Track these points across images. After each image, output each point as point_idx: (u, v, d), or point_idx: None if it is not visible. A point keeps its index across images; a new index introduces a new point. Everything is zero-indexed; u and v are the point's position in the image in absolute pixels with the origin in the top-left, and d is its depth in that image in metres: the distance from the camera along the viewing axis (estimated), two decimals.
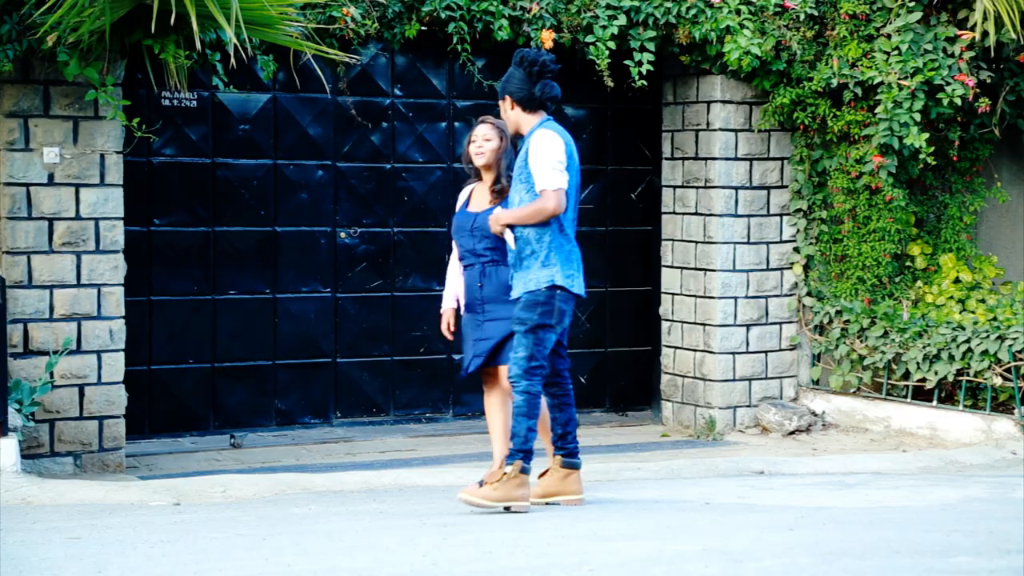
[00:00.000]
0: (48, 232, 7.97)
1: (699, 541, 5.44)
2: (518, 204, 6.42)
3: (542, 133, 6.39)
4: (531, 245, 6.39)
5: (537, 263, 6.37)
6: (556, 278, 6.36)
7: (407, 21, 8.77)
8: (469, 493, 6.30)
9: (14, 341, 7.80)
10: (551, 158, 6.33)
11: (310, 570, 5.00)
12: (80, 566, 5.06)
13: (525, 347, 6.33)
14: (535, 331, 6.34)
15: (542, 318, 6.34)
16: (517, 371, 6.33)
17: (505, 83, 6.48)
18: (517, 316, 6.39)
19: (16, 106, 7.87)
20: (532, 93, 6.42)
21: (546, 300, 6.35)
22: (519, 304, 6.40)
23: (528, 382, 6.32)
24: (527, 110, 6.45)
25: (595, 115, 10.12)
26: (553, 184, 6.31)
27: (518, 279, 6.44)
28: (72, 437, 8.00)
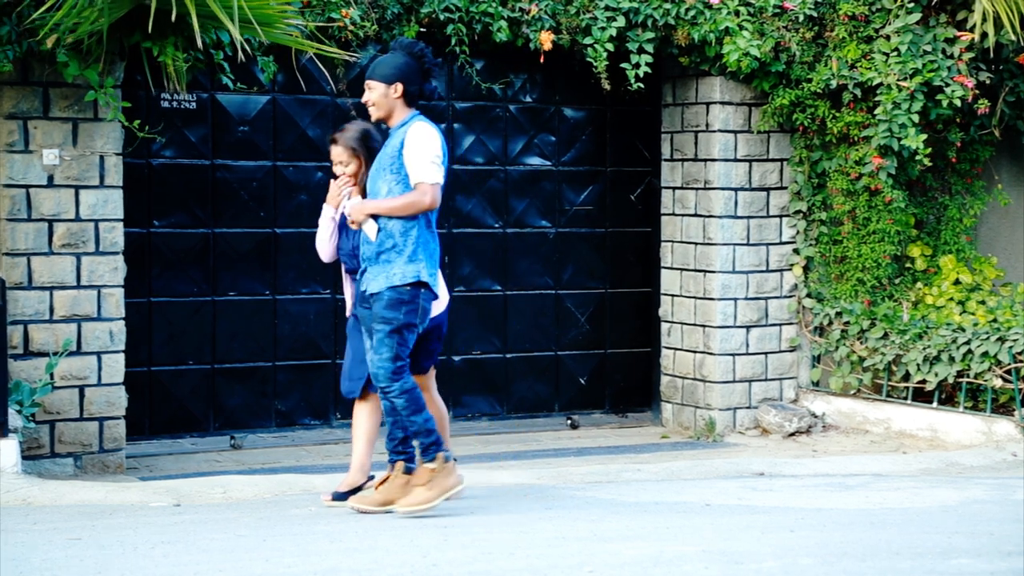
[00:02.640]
0: (48, 234, 7.97)
1: (699, 542, 5.45)
2: (385, 195, 6.20)
3: (421, 126, 6.22)
4: (394, 239, 6.17)
5: (402, 258, 6.16)
6: (422, 274, 6.18)
7: (406, 22, 8.77)
8: (406, 504, 6.17)
9: (14, 342, 7.80)
10: (430, 151, 6.17)
11: (311, 571, 5.00)
12: (81, 567, 5.06)
13: (389, 348, 6.11)
14: (400, 331, 6.14)
15: (408, 317, 6.15)
16: (386, 375, 6.12)
17: (396, 70, 6.25)
18: (381, 315, 6.14)
19: (16, 108, 7.87)
20: (422, 89, 6.32)
21: (411, 298, 6.15)
22: (381, 302, 6.15)
23: (400, 382, 6.13)
24: (408, 102, 6.29)
25: (594, 116, 10.12)
26: (431, 178, 6.15)
27: (376, 273, 6.19)
28: (72, 438, 8.00)
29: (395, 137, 6.26)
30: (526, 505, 6.68)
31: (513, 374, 9.93)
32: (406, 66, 6.27)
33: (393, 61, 6.29)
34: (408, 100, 6.28)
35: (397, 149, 6.20)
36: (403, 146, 6.18)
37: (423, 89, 6.32)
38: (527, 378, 9.97)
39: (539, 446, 9.24)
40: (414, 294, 6.16)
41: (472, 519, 6.23)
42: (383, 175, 6.23)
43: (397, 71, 6.26)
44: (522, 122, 9.93)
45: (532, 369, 9.98)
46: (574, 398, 10.11)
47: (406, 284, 6.14)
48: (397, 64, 6.27)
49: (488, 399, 9.88)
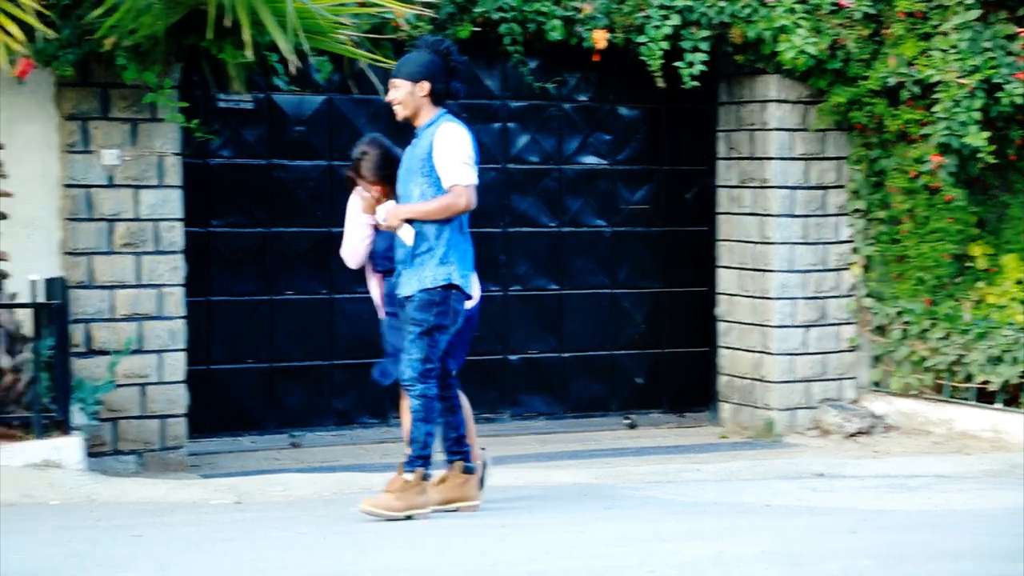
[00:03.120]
0: (108, 233, 8.05)
1: (759, 543, 5.41)
2: (418, 198, 6.12)
3: (450, 127, 6.10)
4: (428, 241, 6.11)
5: (433, 260, 6.09)
6: (453, 277, 6.10)
7: (460, 22, 8.78)
8: (371, 504, 6.10)
9: (76, 341, 7.88)
10: (463, 152, 6.07)
11: (369, 568, 5.02)
12: (143, 563, 5.10)
13: (420, 349, 6.07)
14: (431, 333, 6.09)
15: (438, 319, 6.10)
16: (412, 375, 6.08)
17: (423, 67, 6.14)
18: (412, 316, 6.10)
19: (76, 109, 7.96)
20: (449, 87, 6.19)
21: (442, 300, 6.09)
22: (412, 303, 6.11)
23: (424, 385, 6.08)
24: (435, 101, 6.17)
25: (649, 115, 10.09)
26: (465, 179, 6.06)
27: (409, 276, 6.13)
28: (134, 436, 8.08)
29: (423, 138, 6.14)
30: (584, 505, 6.67)
31: (570, 373, 9.92)
32: (432, 64, 6.16)
33: (419, 59, 6.18)
34: (434, 99, 6.17)
35: (427, 151, 6.10)
36: (433, 148, 6.08)
37: (449, 88, 6.19)
38: (584, 377, 9.96)
39: (597, 446, 9.23)
40: (445, 296, 6.09)
41: (530, 518, 6.23)
42: (414, 178, 6.13)
43: (423, 69, 6.14)
44: (576, 121, 9.91)
45: (589, 368, 9.97)
46: (631, 398, 10.08)
47: (437, 286, 6.08)
48: (423, 62, 6.16)
49: (545, 398, 9.88)
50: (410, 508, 6.09)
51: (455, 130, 6.10)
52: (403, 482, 6.09)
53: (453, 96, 6.23)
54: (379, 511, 6.05)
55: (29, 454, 6.71)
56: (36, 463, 6.70)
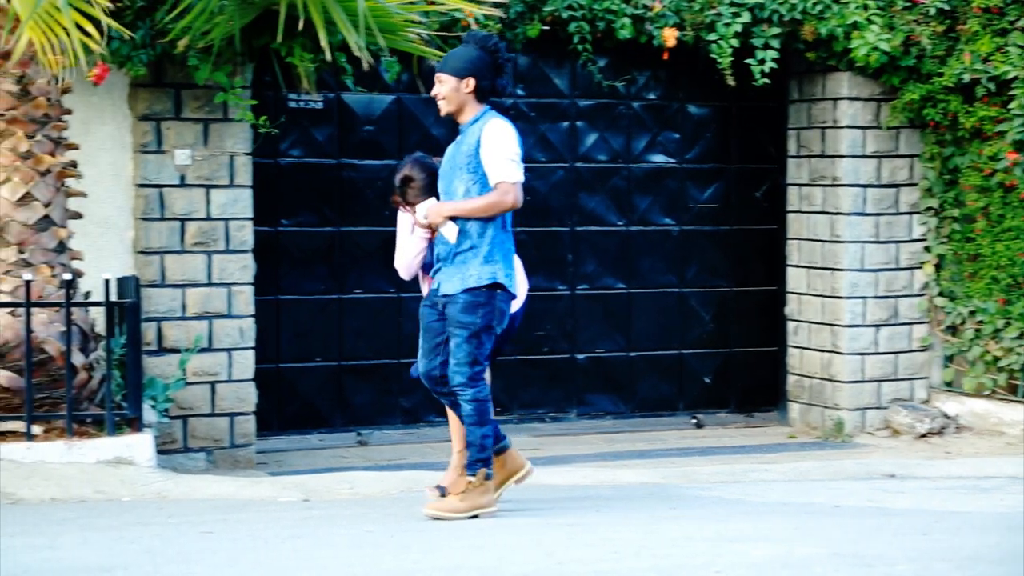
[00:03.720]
0: (180, 232, 8.14)
1: (829, 544, 5.36)
2: (462, 195, 5.99)
3: (497, 123, 5.99)
4: (471, 239, 5.98)
5: (477, 259, 5.97)
6: (498, 275, 5.98)
7: (529, 21, 8.78)
8: (436, 508, 6.07)
9: (148, 339, 7.98)
10: (509, 149, 5.94)
11: (437, 567, 5.03)
12: (214, 560, 5.15)
13: (468, 352, 5.97)
14: (478, 335, 5.98)
15: (485, 319, 5.97)
16: (462, 380, 5.98)
17: (470, 63, 6.01)
18: (457, 319, 5.98)
19: (149, 109, 8.05)
20: (495, 84, 6.06)
21: (487, 301, 5.97)
22: (457, 306, 5.98)
23: (475, 389, 5.99)
24: (480, 98, 6.04)
25: (718, 113, 10.03)
26: (512, 176, 5.92)
27: (451, 274, 6.01)
28: (204, 433, 8.16)
29: (469, 135, 6.03)
30: (651, 504, 6.65)
31: (637, 372, 9.89)
32: (479, 60, 6.03)
33: (466, 54, 6.05)
34: (479, 95, 6.04)
35: (473, 148, 5.98)
36: (480, 144, 5.97)
37: (495, 84, 6.06)
38: (651, 377, 9.92)
39: (664, 445, 9.20)
40: (490, 296, 5.98)
41: (597, 518, 6.21)
42: (459, 174, 6.02)
43: (469, 65, 6.02)
44: (645, 119, 9.88)
45: (656, 368, 9.93)
46: (699, 397, 10.03)
47: (482, 286, 5.97)
48: (470, 58, 6.04)
49: (612, 397, 9.86)
50: (474, 508, 6.08)
51: (502, 126, 6.00)
52: (466, 483, 6.08)
53: (499, 93, 6.16)
54: (444, 514, 6.04)
55: (102, 451, 6.80)
56: (108, 460, 6.78)
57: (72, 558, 5.18)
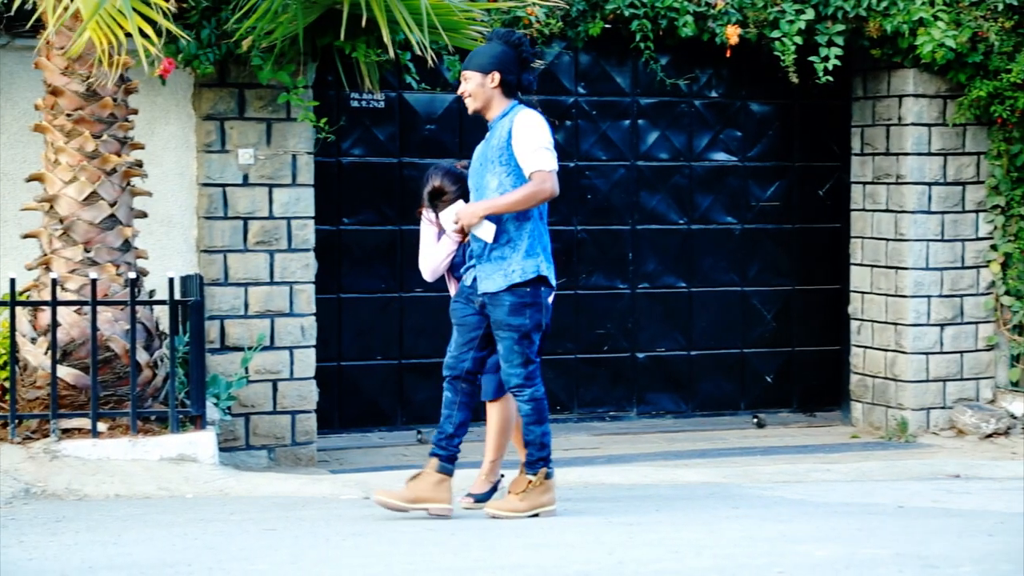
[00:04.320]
0: (243, 231, 8.20)
1: (892, 545, 5.31)
2: (496, 188, 5.88)
3: (527, 114, 5.92)
4: (508, 233, 5.87)
5: (518, 253, 5.87)
6: (542, 268, 5.88)
7: (591, 19, 8.77)
8: (497, 507, 6.03)
9: (211, 337, 8.04)
10: (542, 138, 5.86)
11: (498, 565, 5.03)
12: (276, 556, 5.18)
13: (519, 353, 5.89)
14: (530, 335, 5.89)
15: (534, 319, 5.89)
16: (518, 381, 5.92)
17: (494, 59, 5.95)
18: (507, 322, 5.86)
19: (213, 109, 8.12)
20: (520, 79, 5.98)
21: (532, 300, 5.88)
22: (503, 308, 5.87)
23: (532, 388, 5.93)
24: (507, 93, 5.97)
25: (781, 111, 9.96)
26: (548, 165, 5.83)
27: (491, 271, 5.89)
28: (266, 431, 8.22)
29: (498, 128, 5.95)
30: (712, 504, 6.61)
31: (698, 371, 9.85)
32: (503, 55, 5.98)
33: (490, 51, 6.01)
34: (506, 90, 5.98)
35: (505, 140, 5.90)
36: (511, 136, 5.89)
37: (521, 79, 5.99)
38: (712, 376, 9.88)
39: (725, 444, 9.15)
40: (535, 294, 5.89)
41: (658, 517, 6.18)
42: (491, 168, 5.92)
43: (494, 60, 5.96)
44: (707, 117, 9.83)
45: (717, 367, 9.88)
46: (760, 396, 9.97)
47: (527, 281, 5.86)
48: (494, 53, 5.98)
49: (672, 396, 9.82)
50: (535, 507, 6.05)
51: (532, 117, 5.93)
52: (526, 483, 6.05)
53: (525, 89, 6.04)
54: (505, 514, 6.02)
55: (165, 448, 6.86)
56: (172, 457, 6.85)
57: (136, 554, 5.24)
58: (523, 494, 6.04)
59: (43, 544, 5.39)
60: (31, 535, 5.57)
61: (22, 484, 6.48)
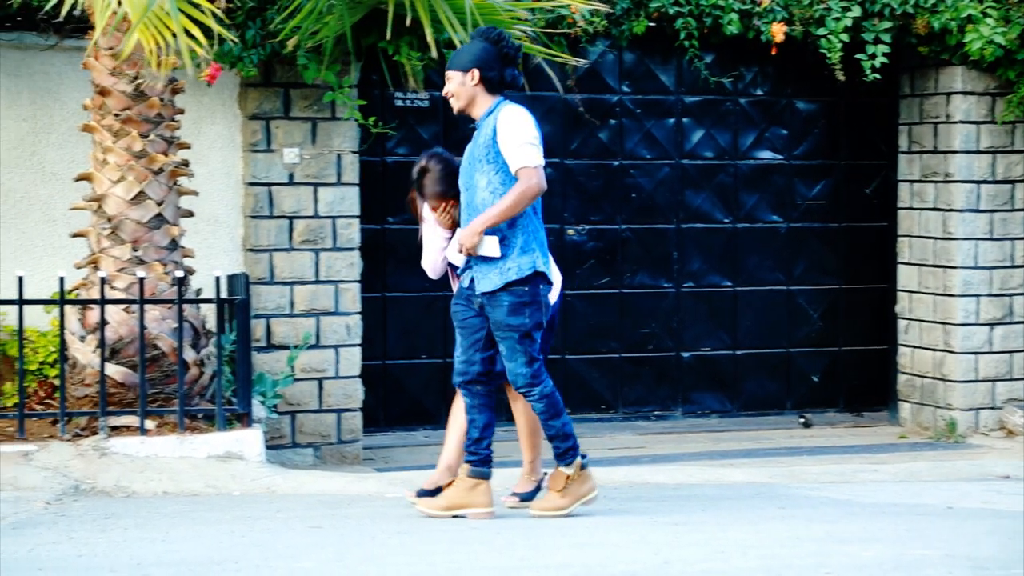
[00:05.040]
0: (288, 230, 8.23)
1: (942, 546, 5.27)
2: (485, 187, 5.83)
3: (511, 109, 5.84)
4: (502, 231, 5.79)
5: (513, 251, 5.79)
6: (538, 264, 5.82)
7: (635, 18, 8.75)
8: (540, 507, 5.98)
9: (257, 335, 8.09)
10: (526, 134, 5.78)
11: (542, 564, 5.03)
12: (322, 554, 5.21)
13: (523, 353, 5.81)
14: (530, 334, 5.82)
15: (533, 318, 5.82)
16: (525, 381, 5.84)
17: (473, 56, 5.90)
18: (506, 323, 5.79)
19: (259, 108, 8.16)
20: (503, 76, 5.91)
21: (531, 298, 5.81)
22: (502, 308, 5.80)
23: (540, 386, 5.85)
24: (489, 90, 5.91)
25: (827, 109, 9.90)
26: (533, 161, 5.76)
27: (487, 270, 5.82)
28: (312, 429, 8.25)
29: (485, 126, 5.90)
30: (758, 504, 6.58)
31: (743, 371, 9.80)
32: (483, 51, 5.92)
33: (469, 49, 5.96)
34: (488, 87, 5.91)
35: (490, 137, 5.84)
36: (496, 132, 5.83)
37: (503, 75, 5.92)
38: (758, 375, 9.83)
39: (771, 444, 9.11)
40: (533, 292, 5.82)
41: (703, 516, 6.16)
42: (479, 167, 5.87)
43: (473, 58, 5.91)
44: (752, 115, 9.79)
45: (763, 366, 9.84)
46: (806, 396, 9.91)
47: (523, 278, 5.79)
48: (473, 51, 5.93)
49: (718, 396, 9.78)
50: (577, 499, 6.02)
51: (517, 112, 5.86)
52: (564, 478, 6.00)
53: (510, 85, 5.96)
54: (550, 513, 5.98)
55: (212, 446, 6.90)
56: (219, 455, 6.88)
57: (184, 551, 5.27)
58: (563, 490, 6.01)
59: (92, 541, 5.44)
60: (81, 532, 5.62)
61: (72, 481, 6.53)
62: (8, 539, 5.45)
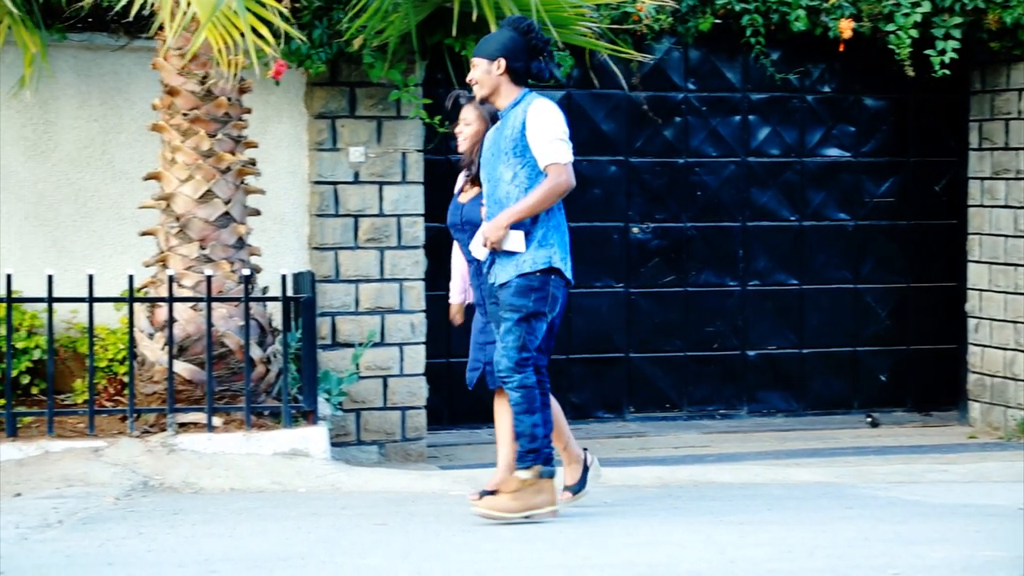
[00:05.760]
0: (354, 228, 8.27)
1: (1013, 548, 5.20)
2: (510, 181, 5.74)
3: (541, 103, 5.75)
4: (524, 224, 5.71)
5: (532, 243, 5.71)
6: (554, 260, 5.73)
7: (701, 15, 8.70)
8: (487, 506, 5.72)
9: (323, 333, 8.13)
10: (556, 129, 5.70)
11: (607, 563, 5.02)
12: (387, 550, 5.23)
13: (516, 336, 5.68)
14: (528, 320, 5.69)
15: (536, 305, 5.70)
16: (508, 364, 5.68)
17: (500, 45, 5.80)
18: (508, 303, 5.71)
19: (325, 107, 8.20)
20: (529, 66, 5.81)
21: (540, 285, 5.70)
22: (509, 289, 5.72)
23: (521, 375, 5.69)
24: (514, 80, 5.80)
25: (896, 105, 9.80)
26: (563, 157, 5.69)
27: (505, 262, 5.76)
28: (376, 427, 8.29)
29: (510, 118, 5.79)
30: (825, 504, 6.53)
31: (810, 370, 9.72)
32: (510, 41, 5.81)
33: (498, 37, 5.87)
34: (513, 77, 5.81)
35: (519, 130, 5.73)
36: (525, 126, 5.72)
37: (530, 67, 5.82)
38: (824, 374, 9.75)
39: (837, 444, 9.03)
40: (544, 280, 5.71)
41: (769, 516, 6.12)
42: (505, 160, 5.76)
43: (500, 47, 5.80)
44: (819, 112, 9.70)
45: (829, 365, 9.75)
46: (874, 396, 9.82)
47: (536, 271, 5.71)
48: (501, 40, 5.83)
49: (783, 395, 9.71)
50: (527, 508, 5.76)
51: (546, 106, 5.77)
52: (519, 481, 5.76)
53: (537, 76, 5.87)
54: (496, 514, 5.74)
55: (278, 442, 6.95)
56: (285, 452, 6.93)
57: (251, 547, 5.31)
58: (515, 493, 5.76)
59: (161, 536, 5.50)
60: (149, 527, 5.68)
61: (140, 477, 6.61)
62: (79, 534, 5.52)
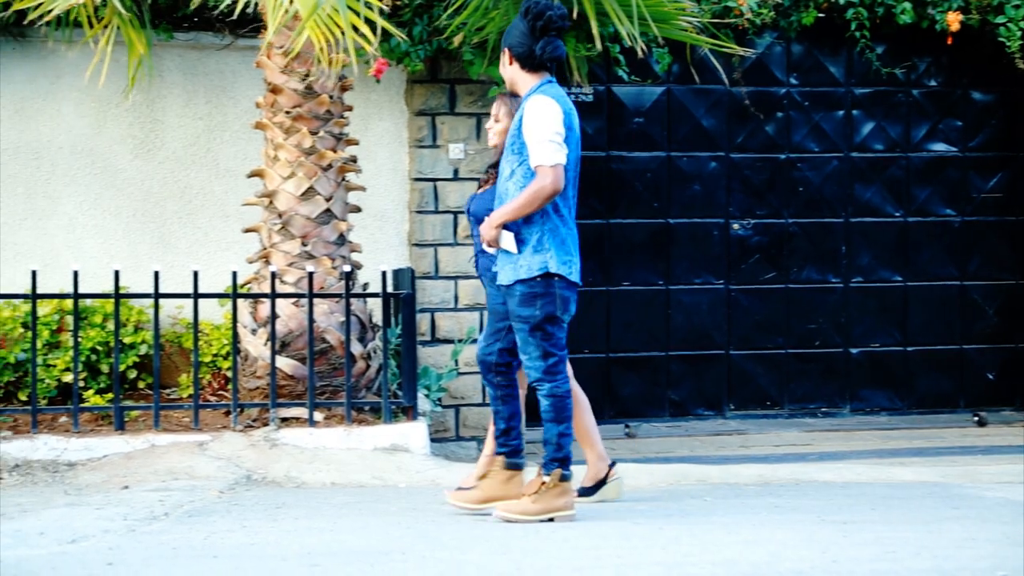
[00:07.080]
0: (453, 225, 8.31)
1: None
2: (508, 177, 5.64)
3: (536, 99, 5.53)
4: (516, 226, 5.62)
5: (527, 249, 5.60)
6: (550, 265, 5.59)
7: (803, 8, 8.61)
8: (506, 509, 5.71)
9: (422, 330, 8.17)
10: (548, 128, 5.49)
11: (708, 561, 4.98)
12: (487, 546, 5.24)
13: (535, 346, 5.63)
14: (542, 327, 5.62)
15: (545, 310, 5.61)
16: (537, 375, 5.67)
17: (507, 34, 5.65)
18: (516, 314, 5.64)
19: (425, 105, 8.24)
20: (533, 50, 5.57)
21: (544, 291, 5.60)
22: (515, 298, 5.64)
23: (552, 383, 5.68)
24: (526, 68, 5.60)
25: (1005, 99, 9.60)
26: (550, 159, 5.47)
27: (504, 262, 5.70)
28: (475, 423, 8.31)
29: (519, 111, 5.65)
30: (930, 503, 6.42)
31: (914, 368, 9.57)
32: (514, 28, 5.64)
33: (510, 26, 5.69)
34: (523, 65, 5.61)
35: (516, 127, 5.62)
36: (520, 123, 5.59)
37: (533, 51, 5.57)
38: (929, 372, 9.59)
39: (943, 443, 8.88)
40: (547, 285, 5.61)
41: (873, 515, 6.03)
42: (507, 155, 5.67)
43: (507, 36, 5.65)
44: (925, 107, 9.54)
45: (934, 363, 9.59)
46: (981, 394, 9.64)
47: (534, 277, 5.61)
48: (510, 28, 5.68)
49: (887, 393, 9.57)
50: (549, 511, 5.74)
51: (541, 103, 5.53)
52: (540, 484, 5.75)
53: (550, 59, 5.59)
54: (515, 516, 5.72)
55: (378, 438, 7.00)
56: (385, 447, 6.98)
57: (352, 541, 5.36)
58: (535, 496, 5.75)
59: (264, 529, 5.56)
60: (252, 520, 5.75)
61: (244, 471, 6.69)
62: (184, 526, 5.61)
